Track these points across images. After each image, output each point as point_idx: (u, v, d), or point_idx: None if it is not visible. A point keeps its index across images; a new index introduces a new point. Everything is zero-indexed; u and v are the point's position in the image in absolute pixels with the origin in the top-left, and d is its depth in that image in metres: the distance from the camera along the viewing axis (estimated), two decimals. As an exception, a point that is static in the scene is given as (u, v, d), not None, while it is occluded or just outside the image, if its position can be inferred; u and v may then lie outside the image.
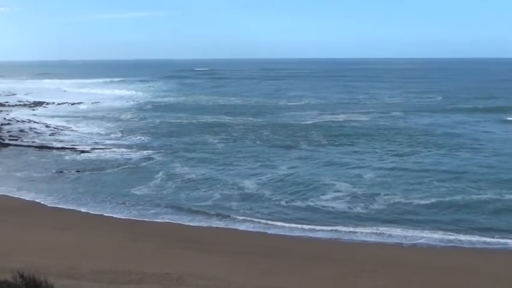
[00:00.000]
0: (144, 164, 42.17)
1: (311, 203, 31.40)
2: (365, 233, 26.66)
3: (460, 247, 24.91)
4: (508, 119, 63.94)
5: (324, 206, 30.83)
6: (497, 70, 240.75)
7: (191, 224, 28.47)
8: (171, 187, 35.31)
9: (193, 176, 38.18)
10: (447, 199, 31.62)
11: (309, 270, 21.51)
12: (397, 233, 26.53)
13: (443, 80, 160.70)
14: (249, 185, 35.54)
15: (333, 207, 30.58)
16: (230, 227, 28.04)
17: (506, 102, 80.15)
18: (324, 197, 32.51)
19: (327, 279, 20.43)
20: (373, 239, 26.01)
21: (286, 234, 26.87)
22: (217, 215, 29.64)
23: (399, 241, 25.60)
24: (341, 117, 68.71)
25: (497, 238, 25.71)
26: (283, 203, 31.63)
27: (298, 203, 31.48)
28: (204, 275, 19.79)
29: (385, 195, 32.64)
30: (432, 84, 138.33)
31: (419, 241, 25.48)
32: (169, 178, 37.53)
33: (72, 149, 48.17)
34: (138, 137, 55.00)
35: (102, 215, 29.84)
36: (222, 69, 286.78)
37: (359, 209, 30.33)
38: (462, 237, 25.92)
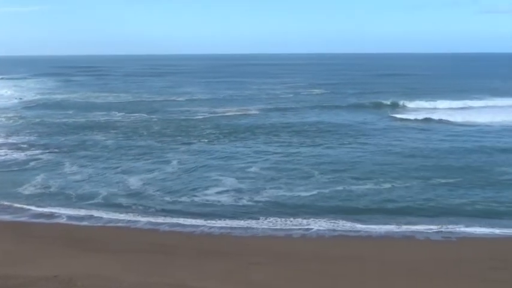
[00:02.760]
0: (31, 164, 40.54)
1: (198, 198, 31.53)
2: (255, 226, 27.12)
3: (347, 236, 25.86)
4: (393, 115, 66.53)
5: (211, 201, 31.05)
6: (380, 65, 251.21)
7: (80, 223, 27.75)
8: (59, 186, 34.30)
9: (81, 174, 37.33)
10: (331, 190, 32.74)
11: (202, 264, 21.59)
12: (286, 225, 27.20)
13: (330, 74, 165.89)
14: (138, 181, 35.25)
15: (218, 201, 30.90)
16: (120, 225, 27.62)
17: (388, 97, 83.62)
18: (211, 192, 32.73)
19: (220, 273, 20.58)
20: (263, 231, 26.49)
21: (178, 230, 26.82)
22: (107, 213, 29.12)
23: (289, 233, 26.24)
24: (231, 112, 69.34)
25: (380, 225, 27.01)
26: (170, 198, 31.58)
27: (186, 199, 31.51)
28: (95, 276, 19.33)
29: (271, 188, 33.37)
30: (319, 78, 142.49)
31: (308, 232, 26.26)
32: (57, 177, 36.46)
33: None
34: (24, 137, 52.61)
35: (-15, 218, 28.45)
36: (110, 65, 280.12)
37: (246, 202, 30.79)
38: (348, 226, 27.02)
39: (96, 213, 29.27)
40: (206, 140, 49.82)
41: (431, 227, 26.73)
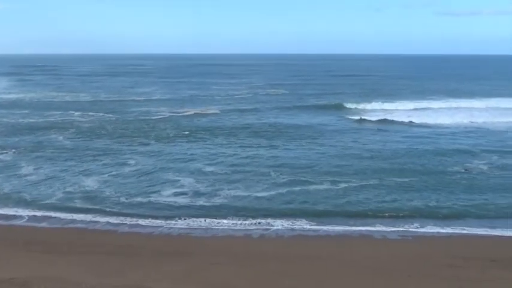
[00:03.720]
0: (-15, 164, 39.81)
1: (157, 199, 31.51)
2: (214, 227, 27.20)
3: (306, 235, 26.11)
4: (351, 117, 67.15)
5: (170, 202, 31.06)
6: (340, 66, 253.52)
7: (38, 225, 27.41)
8: (15, 188, 33.79)
9: (38, 175, 36.79)
10: (288, 190, 33.11)
11: (160, 265, 21.54)
12: (245, 225, 27.37)
13: (290, 75, 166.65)
14: (96, 182, 35.03)
15: (177, 202, 30.95)
16: (78, 226, 27.35)
17: (347, 98, 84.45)
18: (169, 192, 32.77)
19: (180, 274, 20.58)
20: (223, 232, 26.58)
21: (137, 230, 26.71)
22: (65, 214, 28.81)
23: (248, 233, 26.39)
24: (190, 112, 69.12)
25: (338, 225, 27.38)
26: (129, 199, 31.43)
27: (144, 199, 31.42)
28: (52, 278, 19.13)
29: (229, 189, 33.52)
30: (279, 79, 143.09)
31: (267, 232, 26.45)
32: (13, 178, 35.93)
33: None
34: (-23, 137, 51.62)
35: None
36: (67, 65, 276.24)
37: (204, 202, 30.90)
38: (307, 225, 27.33)
39: (54, 214, 28.93)
40: (165, 141, 49.59)
41: (388, 226, 27.26)
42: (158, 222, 27.77)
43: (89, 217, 28.46)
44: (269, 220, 27.91)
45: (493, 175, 36.76)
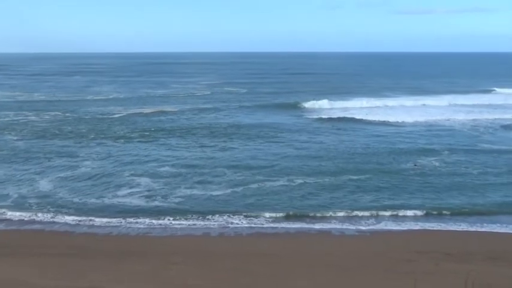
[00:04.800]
0: None
1: (114, 199, 31.30)
2: (172, 226, 27.14)
3: (265, 233, 26.26)
4: (308, 115, 67.51)
5: (127, 201, 30.88)
6: (298, 64, 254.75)
7: (-9, 227, 26.85)
8: (-34, 190, 32.97)
9: (-9, 176, 35.99)
10: (244, 188, 33.30)
11: (119, 266, 21.38)
12: (203, 224, 27.37)
13: (248, 73, 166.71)
14: (51, 182, 34.56)
15: (135, 202, 30.78)
16: (35, 227, 26.91)
17: (304, 96, 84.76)
18: (127, 192, 32.62)
19: (139, 274, 20.46)
20: (181, 231, 26.52)
21: (94, 231, 26.44)
22: (20, 216, 28.32)
23: (206, 231, 26.40)
24: (148, 111, 68.63)
25: (296, 222, 27.70)
26: (86, 200, 31.14)
27: (101, 200, 31.19)
28: (7, 280, 18.83)
29: (186, 187, 33.48)
30: (238, 77, 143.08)
31: (226, 230, 26.50)
32: (-36, 180, 35.06)
33: None
34: None
35: None
36: (20, 64, 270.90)
37: (162, 202, 30.85)
38: (264, 223, 27.53)
39: (9, 216, 28.38)
40: (121, 140, 49.10)
41: (345, 222, 27.62)
42: (116, 222, 27.55)
43: (45, 218, 28.03)
44: (227, 218, 27.98)
45: (444, 171, 37.55)
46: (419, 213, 28.95)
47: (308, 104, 75.81)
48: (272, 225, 27.29)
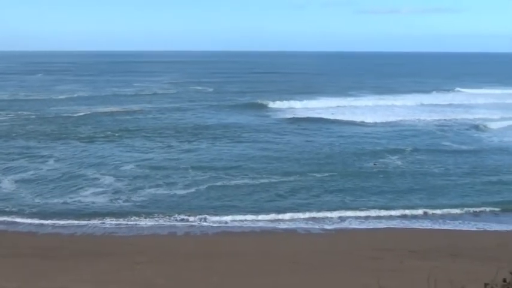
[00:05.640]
0: None
1: (78, 199, 30.96)
2: (137, 225, 27.01)
3: (231, 232, 26.34)
4: (273, 114, 67.61)
5: (92, 201, 30.57)
6: (264, 63, 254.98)
7: (-48, 228, 26.33)
8: None
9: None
10: (208, 187, 33.34)
11: (83, 266, 21.18)
12: (169, 223, 27.30)
13: (213, 72, 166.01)
14: (12, 183, 34.03)
15: (99, 201, 30.52)
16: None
17: (269, 96, 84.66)
18: (91, 192, 32.29)
19: (103, 274, 20.32)
20: (146, 230, 26.41)
21: (58, 231, 26.15)
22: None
23: (172, 230, 26.36)
24: (113, 110, 68.01)
25: (262, 220, 27.89)
26: (49, 200, 30.72)
27: (65, 199, 30.80)
28: (-31, 282, 18.47)
29: (150, 187, 33.38)
30: (203, 76, 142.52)
31: (192, 229, 26.49)
32: None
33: None
34: None
35: None
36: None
37: (127, 201, 30.62)
38: (231, 221, 27.61)
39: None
40: (85, 139, 48.52)
41: (311, 221, 27.84)
42: (80, 222, 27.27)
43: (7, 219, 27.56)
44: (193, 218, 27.91)
45: (407, 170, 37.99)
46: (383, 212, 29.27)
47: (274, 104, 75.67)
48: (238, 224, 27.35)
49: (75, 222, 27.32)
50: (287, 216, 28.37)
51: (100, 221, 27.42)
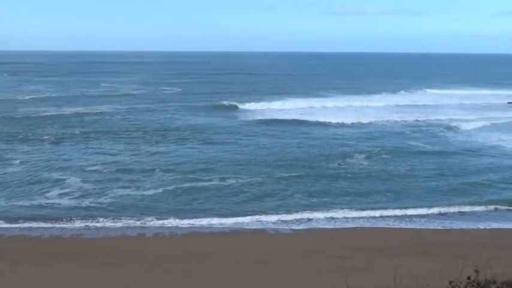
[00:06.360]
0: None
1: (44, 201, 30.59)
2: (106, 227, 26.82)
3: (200, 232, 26.35)
4: (241, 115, 67.49)
5: (58, 203, 30.27)
6: (232, 64, 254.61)
7: None
8: None
9: None
10: (176, 187, 33.31)
11: (51, 270, 20.95)
12: (138, 224, 27.17)
13: (181, 73, 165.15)
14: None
15: (66, 203, 30.23)
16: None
17: (237, 97, 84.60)
18: (57, 193, 31.95)
19: (72, 276, 20.14)
20: (115, 232, 26.22)
21: (25, 234, 25.79)
22: None
23: (141, 232, 26.23)
24: (81, 111, 67.20)
25: (231, 220, 27.97)
26: (14, 202, 30.29)
27: (31, 201, 30.41)
28: None
29: (118, 187, 33.19)
30: (171, 77, 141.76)
31: (161, 230, 26.38)
32: None
33: None
34: None
35: None
36: None
37: (94, 202, 30.41)
38: (199, 222, 27.58)
39: None
40: (52, 140, 47.90)
41: (279, 221, 27.97)
42: (47, 224, 26.94)
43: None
44: (161, 219, 27.84)
45: (374, 170, 38.46)
46: (352, 212, 29.54)
47: (243, 105, 75.40)
48: (207, 225, 27.35)
49: (43, 224, 26.98)
50: (255, 216, 28.45)
51: (68, 223, 27.13)
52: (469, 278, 8.29)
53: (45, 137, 49.18)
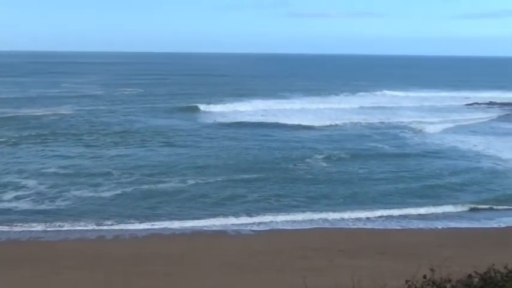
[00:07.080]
0: None
1: (0, 204, 29.99)
2: (65, 229, 26.45)
3: (161, 234, 26.23)
4: (203, 118, 67.02)
5: (14, 206, 29.76)
6: (194, 65, 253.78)
7: None
8: None
9: None
10: (135, 189, 33.12)
11: (8, 274, 20.58)
12: (96, 227, 26.90)
13: (143, 73, 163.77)
14: None
15: (22, 205, 29.74)
16: None
17: (199, 99, 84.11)
18: (13, 196, 31.43)
19: (29, 280, 19.85)
20: (73, 234, 25.88)
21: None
22: None
23: (101, 234, 25.97)
24: (39, 112, 66.04)
25: (192, 221, 27.91)
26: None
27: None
28: None
29: (76, 189, 32.80)
30: (133, 78, 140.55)
31: (121, 233, 26.16)
32: None
33: None
34: None
35: None
36: None
37: (52, 205, 30.00)
38: (160, 224, 27.43)
39: None
40: (9, 142, 46.98)
41: (240, 222, 28.00)
42: (4, 228, 26.41)
43: None
44: (121, 221, 27.63)
45: (333, 171, 38.72)
46: (313, 214, 29.67)
47: (205, 107, 74.98)
48: (168, 226, 27.20)
49: (-1, 228, 26.44)
50: (216, 218, 28.44)
51: (25, 226, 26.66)
52: (424, 276, 8.41)
53: (1, 139, 48.18)
